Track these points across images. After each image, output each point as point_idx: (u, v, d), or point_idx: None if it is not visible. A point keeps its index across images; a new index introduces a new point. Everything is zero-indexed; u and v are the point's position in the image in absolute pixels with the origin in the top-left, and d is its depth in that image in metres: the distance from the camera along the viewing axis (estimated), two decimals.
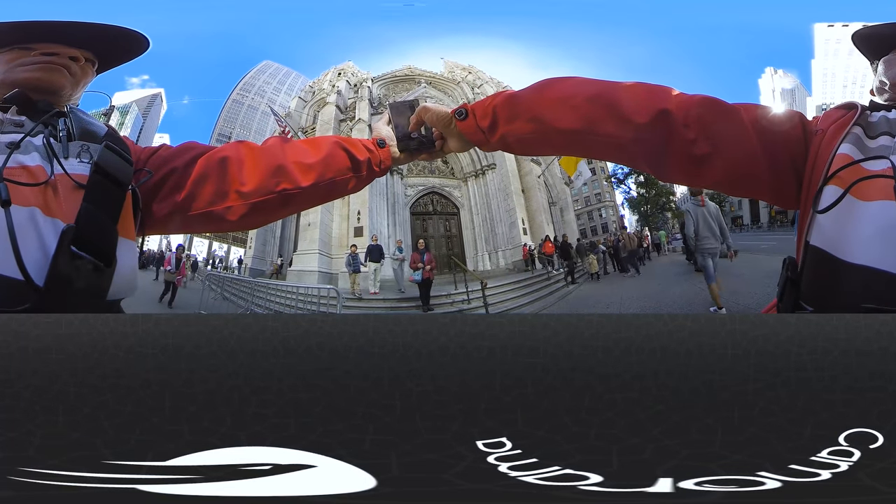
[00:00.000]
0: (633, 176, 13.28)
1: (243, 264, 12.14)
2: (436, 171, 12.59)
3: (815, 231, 0.87)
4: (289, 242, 12.30)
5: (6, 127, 0.88)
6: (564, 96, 0.96)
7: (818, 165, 0.89)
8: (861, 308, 0.77)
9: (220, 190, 0.96)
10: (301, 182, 0.97)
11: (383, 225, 11.30)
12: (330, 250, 11.18)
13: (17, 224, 0.77)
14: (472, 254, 12.19)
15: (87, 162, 0.88)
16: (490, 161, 12.29)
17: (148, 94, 11.04)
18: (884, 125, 0.90)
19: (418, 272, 8.78)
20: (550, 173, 13.01)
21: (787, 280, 0.91)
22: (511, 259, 11.83)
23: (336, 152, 1.02)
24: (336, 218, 11.63)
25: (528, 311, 9.22)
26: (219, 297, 9.95)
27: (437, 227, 12.51)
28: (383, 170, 1.09)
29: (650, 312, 0.76)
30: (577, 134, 0.94)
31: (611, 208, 13.59)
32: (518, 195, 12.30)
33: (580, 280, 10.71)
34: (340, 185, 1.02)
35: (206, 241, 11.99)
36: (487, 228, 12.33)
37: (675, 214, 10.82)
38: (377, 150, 1.08)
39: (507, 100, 1.00)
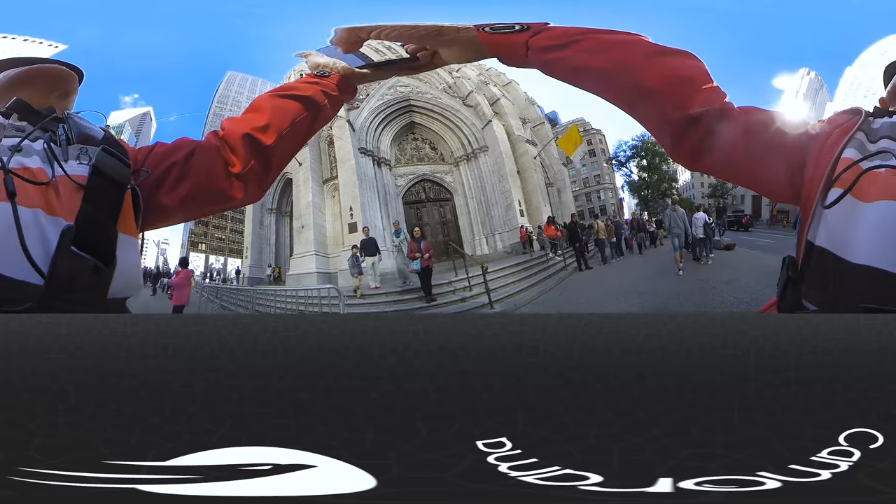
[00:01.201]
0: (635, 159, 13.22)
1: (241, 274, 12.13)
2: (425, 159, 12.51)
3: (818, 230, 0.88)
4: (284, 248, 12.28)
5: (8, 132, 0.91)
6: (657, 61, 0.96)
7: (820, 167, 0.90)
8: (861, 308, 0.78)
9: (220, 173, 1.03)
10: (266, 141, 1.05)
11: (377, 217, 11.24)
12: (326, 250, 11.15)
13: (22, 222, 0.79)
14: (468, 238, 12.12)
15: (86, 164, 0.91)
16: (482, 144, 12.19)
17: (139, 112, 11.21)
18: (886, 130, 0.91)
19: (416, 262, 8.75)
20: (547, 154, 12.93)
21: (788, 279, 0.92)
22: (509, 242, 11.76)
23: (277, 103, 1.09)
24: (329, 217, 11.59)
25: (530, 294, 9.19)
26: (217, 308, 9.97)
27: (431, 215, 12.44)
28: (346, 90, 1.16)
29: (650, 312, 0.76)
30: (637, 93, 0.97)
31: (610, 191, 13.53)
32: (514, 177, 12.19)
33: (593, 262, 10.55)
34: (302, 123, 1.09)
35: (203, 256, 11.99)
36: (483, 212, 12.24)
37: (674, 202, 10.83)
38: (323, 80, 1.14)
39: (594, 39, 0.98)
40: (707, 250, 9.98)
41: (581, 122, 12.81)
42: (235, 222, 12.77)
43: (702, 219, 9.89)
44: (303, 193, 11.60)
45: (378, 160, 11.96)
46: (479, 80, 13.13)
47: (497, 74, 13.32)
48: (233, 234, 12.86)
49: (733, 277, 8.57)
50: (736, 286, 8.01)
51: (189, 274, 9.00)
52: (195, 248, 12.87)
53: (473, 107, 12.61)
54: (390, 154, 12.46)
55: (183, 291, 8.29)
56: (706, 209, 11.52)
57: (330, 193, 11.75)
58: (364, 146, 11.81)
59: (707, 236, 9.94)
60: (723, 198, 12.94)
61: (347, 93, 1.18)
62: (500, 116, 12.53)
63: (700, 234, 9.74)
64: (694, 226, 9.73)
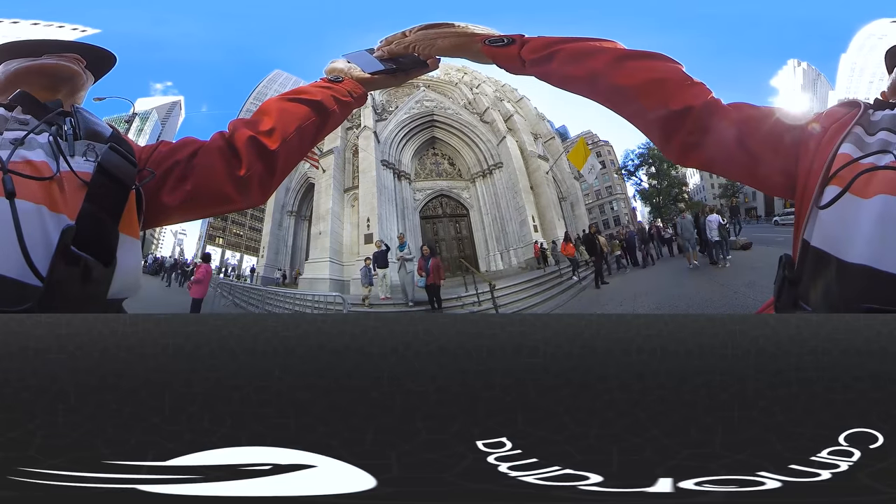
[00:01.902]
0: (643, 168, 13.22)
1: (255, 273, 12.12)
2: (443, 174, 12.57)
3: (814, 230, 0.87)
4: (300, 251, 12.29)
5: (11, 125, 0.89)
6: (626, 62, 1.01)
7: (816, 164, 0.89)
8: (861, 308, 0.77)
9: (223, 175, 1.01)
10: (271, 146, 1.03)
11: (393, 230, 11.28)
12: (341, 258, 11.18)
13: (23, 219, 0.78)
14: (483, 254, 12.15)
15: (93, 161, 0.89)
16: (496, 160, 12.25)
17: (168, 101, 11.09)
18: (885, 122, 0.90)
19: (422, 279, 8.83)
20: (559, 168, 12.97)
21: (785, 279, 0.91)
22: (524, 257, 11.77)
23: (285, 106, 1.08)
24: (347, 226, 11.64)
25: (539, 311, 9.20)
26: (230, 305, 9.99)
27: (447, 230, 12.48)
28: (358, 97, 1.17)
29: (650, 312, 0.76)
30: (616, 95, 1.02)
31: (622, 201, 13.52)
32: (527, 192, 12.25)
33: (610, 278, 10.46)
34: (309, 128, 1.09)
35: (219, 250, 11.96)
36: (498, 228, 12.28)
37: (687, 205, 10.78)
38: (336, 84, 1.15)
39: (568, 49, 1.04)
40: (724, 252, 9.80)
41: (588, 134, 12.84)
42: (255, 220, 12.79)
43: (716, 220, 9.71)
44: (323, 200, 11.66)
45: (398, 173, 12.02)
46: (494, 96, 13.21)
47: (511, 90, 13.37)
48: (251, 232, 12.86)
49: (754, 279, 8.10)
50: (758, 288, 7.58)
51: (210, 269, 9.04)
52: (212, 241, 12.87)
53: (489, 123, 12.68)
54: (411, 168, 12.53)
55: (203, 286, 8.38)
56: (719, 210, 11.42)
57: (350, 202, 11.81)
58: (386, 158, 11.88)
59: (722, 237, 9.78)
60: (734, 196, 12.91)
61: (358, 99, 1.17)
62: (513, 132, 12.61)
63: (716, 237, 9.58)
64: (708, 228, 9.60)
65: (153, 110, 11.12)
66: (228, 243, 12.86)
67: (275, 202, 13.25)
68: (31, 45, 1.01)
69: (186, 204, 1.01)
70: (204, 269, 8.64)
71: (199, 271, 8.60)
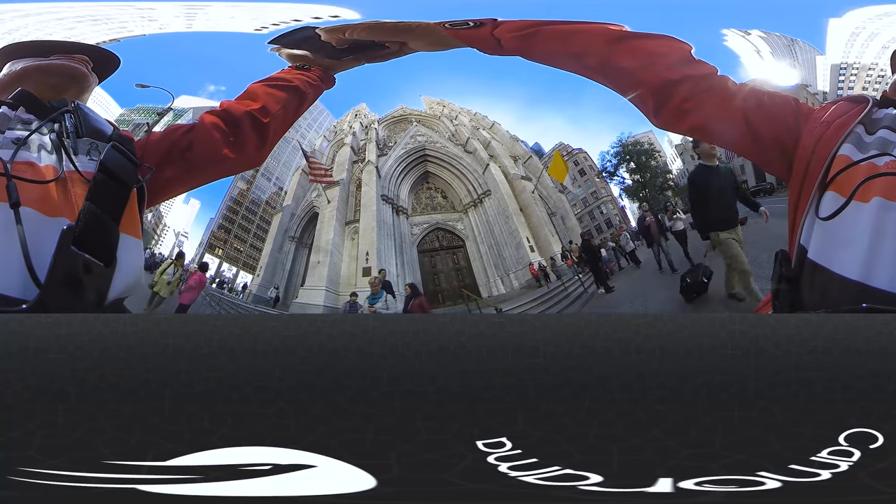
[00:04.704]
0: (623, 165, 13.21)
1: (247, 290, 12.16)
2: (437, 208, 12.69)
3: (810, 238, 0.87)
4: (297, 277, 12.35)
5: (14, 124, 0.89)
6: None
7: (815, 162, 0.89)
8: (861, 308, 0.77)
9: (220, 141, 1.10)
10: (263, 119, 1.17)
11: (391, 265, 11.38)
12: (337, 288, 11.27)
13: (25, 219, 0.78)
14: (483, 281, 12.22)
15: (96, 160, 0.90)
16: (485, 188, 12.37)
17: (208, 105, 11.03)
18: (887, 121, 0.89)
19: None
20: (543, 185, 13.04)
21: (782, 276, 0.91)
22: (524, 279, 11.85)
23: (270, 90, 1.22)
24: (346, 258, 11.78)
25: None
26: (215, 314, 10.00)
27: (445, 262, 12.58)
28: (326, 80, 1.32)
29: (650, 312, 0.76)
30: (612, 69, 1.04)
31: (610, 203, 13.51)
32: (517, 215, 12.36)
33: (615, 284, 10.40)
34: (290, 107, 1.23)
35: (217, 261, 11.94)
36: (495, 254, 12.37)
37: (675, 192, 10.70)
38: (307, 72, 1.29)
39: (552, 29, 1.08)
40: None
41: (561, 146, 12.91)
42: (257, 239, 12.87)
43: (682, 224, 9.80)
44: (325, 230, 11.79)
45: (397, 208, 12.15)
46: (471, 125, 13.41)
47: (482, 118, 13.50)
48: (251, 250, 12.94)
49: (754, 254, 8.20)
50: (757, 263, 7.75)
51: (204, 279, 9.06)
52: (212, 250, 12.91)
53: (472, 153, 12.88)
54: (408, 203, 12.69)
55: (194, 293, 8.35)
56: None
57: (350, 235, 11.93)
58: (386, 193, 12.03)
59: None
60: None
61: (327, 82, 1.32)
62: (494, 158, 12.75)
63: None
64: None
65: (190, 110, 11.12)
66: (227, 256, 12.95)
67: (279, 226, 13.38)
68: (41, 46, 1.04)
69: (189, 172, 1.08)
70: (198, 277, 8.62)
71: (193, 278, 8.58)
